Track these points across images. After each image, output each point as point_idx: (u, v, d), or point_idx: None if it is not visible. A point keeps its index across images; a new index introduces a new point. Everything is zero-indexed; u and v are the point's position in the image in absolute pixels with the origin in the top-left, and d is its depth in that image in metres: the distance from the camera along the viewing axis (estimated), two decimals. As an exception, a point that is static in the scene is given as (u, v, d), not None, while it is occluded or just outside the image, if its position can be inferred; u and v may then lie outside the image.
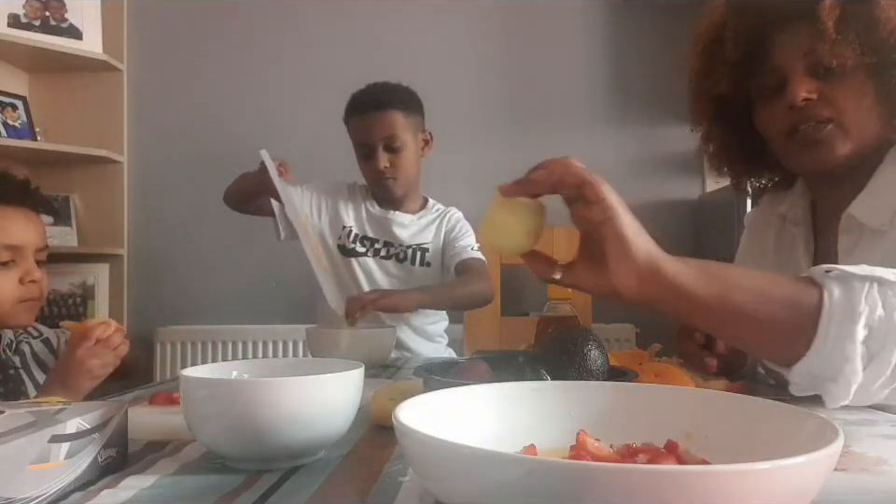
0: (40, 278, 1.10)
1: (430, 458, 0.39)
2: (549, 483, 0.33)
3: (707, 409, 0.52)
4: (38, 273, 1.10)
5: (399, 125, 1.64)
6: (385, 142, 1.63)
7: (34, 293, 1.10)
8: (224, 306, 2.54)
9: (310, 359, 0.73)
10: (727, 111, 1.04)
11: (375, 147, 1.63)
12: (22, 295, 1.08)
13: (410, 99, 1.69)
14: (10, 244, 1.06)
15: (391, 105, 1.64)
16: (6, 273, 1.06)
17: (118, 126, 2.54)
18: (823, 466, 0.37)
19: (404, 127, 1.65)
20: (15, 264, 1.07)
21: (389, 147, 1.64)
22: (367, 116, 1.64)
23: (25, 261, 1.09)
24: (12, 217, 1.08)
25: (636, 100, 2.56)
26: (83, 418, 0.51)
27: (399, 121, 1.64)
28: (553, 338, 0.77)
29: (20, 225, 1.09)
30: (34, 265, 1.10)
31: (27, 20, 2.36)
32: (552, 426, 0.52)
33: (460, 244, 1.72)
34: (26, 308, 1.09)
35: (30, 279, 1.08)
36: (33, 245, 1.10)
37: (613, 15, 2.58)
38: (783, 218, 1.09)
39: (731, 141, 1.07)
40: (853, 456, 0.59)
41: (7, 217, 1.08)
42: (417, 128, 1.70)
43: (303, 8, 2.59)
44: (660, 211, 2.53)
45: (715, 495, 0.32)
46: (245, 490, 0.51)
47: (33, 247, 1.10)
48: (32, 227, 1.11)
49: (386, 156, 1.64)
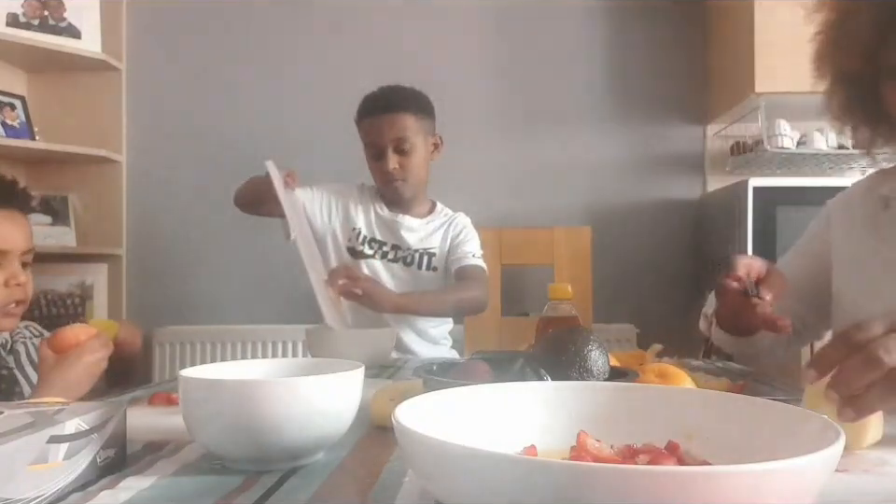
0: (25, 281, 1.09)
1: (430, 458, 0.39)
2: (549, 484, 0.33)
3: (707, 409, 0.51)
4: (24, 277, 1.09)
5: (409, 127, 1.64)
6: (394, 144, 1.63)
7: (18, 296, 1.09)
8: (223, 306, 2.54)
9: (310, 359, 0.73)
10: (854, 81, 1.00)
11: (385, 148, 1.63)
12: (6, 298, 1.07)
13: (421, 102, 1.70)
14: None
15: (402, 108, 1.64)
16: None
17: (116, 126, 2.54)
18: (824, 467, 0.36)
19: (414, 129, 1.65)
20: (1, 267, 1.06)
21: (399, 148, 1.64)
22: (377, 117, 1.64)
23: (10, 264, 1.07)
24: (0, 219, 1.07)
25: (636, 100, 2.56)
26: (82, 419, 0.51)
27: (410, 124, 1.64)
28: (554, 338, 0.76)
29: (5, 228, 1.07)
30: (19, 268, 1.09)
31: (26, 19, 2.35)
32: (552, 426, 0.52)
33: (462, 249, 1.72)
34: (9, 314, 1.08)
35: (15, 282, 1.07)
36: (18, 249, 1.09)
37: (614, 15, 2.58)
38: (886, 199, 1.07)
39: (856, 103, 1.02)
40: (854, 457, 0.59)
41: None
42: (428, 131, 1.70)
43: (304, 9, 2.59)
44: (660, 211, 2.53)
45: (716, 495, 0.32)
46: (245, 491, 0.51)
47: (18, 250, 1.09)
48: (17, 229, 1.09)
49: (396, 158, 1.64)
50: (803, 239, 1.22)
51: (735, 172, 2.43)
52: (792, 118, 2.28)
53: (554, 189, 2.54)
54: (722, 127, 2.47)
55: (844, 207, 1.15)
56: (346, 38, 2.58)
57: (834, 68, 1.01)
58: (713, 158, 2.56)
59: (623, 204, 2.53)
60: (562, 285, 1.02)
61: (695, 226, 2.53)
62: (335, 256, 1.73)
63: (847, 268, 1.09)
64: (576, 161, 2.55)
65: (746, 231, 2.09)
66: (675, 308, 2.51)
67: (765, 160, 2.30)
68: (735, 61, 2.29)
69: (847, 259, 1.10)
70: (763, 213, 2.09)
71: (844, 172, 2.43)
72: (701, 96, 2.55)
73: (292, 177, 1.58)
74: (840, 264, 1.10)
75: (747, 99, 2.22)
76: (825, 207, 1.20)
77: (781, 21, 2.14)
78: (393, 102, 1.65)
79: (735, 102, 2.31)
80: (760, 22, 2.16)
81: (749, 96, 2.20)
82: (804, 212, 2.08)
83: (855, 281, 1.07)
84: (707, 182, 2.56)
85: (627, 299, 2.48)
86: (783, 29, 2.13)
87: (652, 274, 2.53)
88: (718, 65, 2.48)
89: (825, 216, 1.18)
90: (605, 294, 2.30)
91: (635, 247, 2.53)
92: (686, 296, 2.52)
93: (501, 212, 2.48)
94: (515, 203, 2.53)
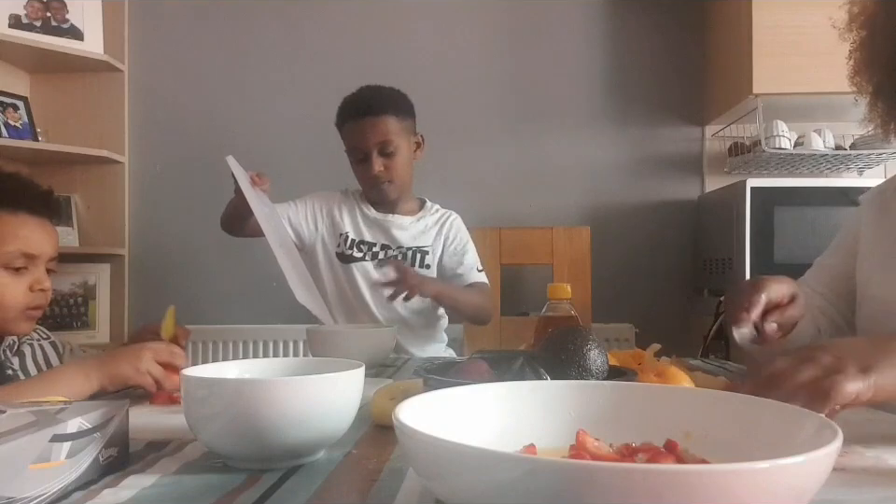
0: (49, 287, 1.12)
1: (430, 458, 0.40)
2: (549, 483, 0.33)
3: (706, 408, 0.52)
4: (48, 283, 1.11)
5: (392, 130, 1.65)
6: (378, 147, 1.64)
7: (40, 301, 1.11)
8: (224, 306, 2.54)
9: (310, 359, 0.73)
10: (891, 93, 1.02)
11: (369, 151, 1.64)
12: (30, 303, 1.09)
13: (402, 103, 1.70)
14: (27, 252, 1.07)
15: (384, 111, 1.64)
16: (18, 279, 1.07)
17: (119, 126, 2.54)
18: (822, 465, 0.37)
19: (397, 131, 1.66)
20: (27, 271, 1.08)
21: (383, 151, 1.65)
22: (361, 121, 1.64)
23: (37, 270, 1.10)
24: (31, 226, 1.09)
25: (636, 100, 2.57)
26: (84, 418, 0.52)
27: (393, 126, 1.65)
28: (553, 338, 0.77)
29: (38, 234, 1.10)
30: (44, 274, 1.11)
31: (28, 20, 2.36)
32: (552, 425, 0.52)
33: (465, 262, 1.73)
34: (29, 317, 1.10)
35: (39, 287, 1.09)
36: (47, 255, 1.11)
37: (613, 16, 2.59)
38: None
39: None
40: (852, 456, 0.59)
41: (25, 224, 1.09)
42: (410, 131, 1.71)
43: (305, 9, 2.59)
44: (659, 211, 2.53)
45: (714, 494, 0.32)
46: (246, 489, 0.51)
47: (47, 257, 1.12)
48: (48, 237, 1.12)
49: (381, 160, 1.65)
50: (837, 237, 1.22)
51: (733, 172, 2.43)
52: (790, 118, 2.29)
53: (554, 189, 2.54)
54: (721, 128, 2.47)
55: (876, 200, 1.15)
56: (349, 38, 2.58)
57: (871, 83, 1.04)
58: (711, 158, 2.56)
59: (621, 205, 2.54)
60: (561, 284, 1.02)
61: (694, 226, 2.53)
62: (325, 263, 1.73)
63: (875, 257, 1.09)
64: (575, 162, 2.55)
65: (744, 231, 2.10)
66: (673, 308, 2.52)
67: (763, 160, 2.31)
68: (734, 62, 2.29)
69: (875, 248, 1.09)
70: (760, 213, 2.09)
71: (841, 172, 2.44)
72: (699, 97, 2.55)
73: (261, 178, 1.51)
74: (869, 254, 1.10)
75: (745, 100, 2.22)
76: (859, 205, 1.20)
77: (779, 23, 2.14)
78: (374, 105, 1.65)
79: (733, 103, 2.31)
80: (758, 24, 2.16)
81: (747, 97, 2.20)
82: (801, 212, 2.09)
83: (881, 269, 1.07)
84: (705, 182, 2.56)
85: (626, 298, 2.49)
86: (781, 30, 2.14)
87: (651, 274, 2.53)
88: (716, 66, 2.48)
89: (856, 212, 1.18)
90: (604, 294, 2.31)
91: (633, 247, 2.53)
92: (684, 296, 2.52)
93: (501, 212, 2.48)
94: (515, 203, 2.54)
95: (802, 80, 2.13)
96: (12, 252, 1.05)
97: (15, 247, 1.05)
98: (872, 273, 1.08)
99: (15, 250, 1.05)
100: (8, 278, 1.06)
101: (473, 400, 0.54)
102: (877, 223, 1.11)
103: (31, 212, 1.10)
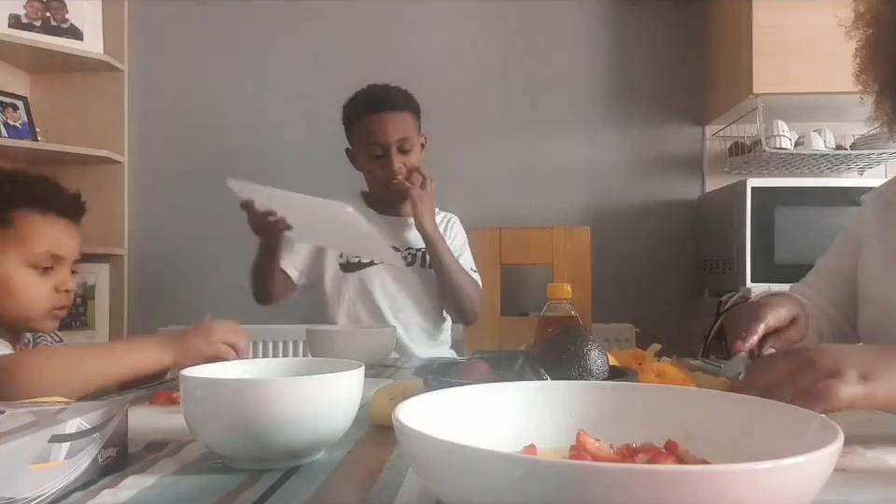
0: (73, 288, 1.14)
1: (430, 458, 0.40)
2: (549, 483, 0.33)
3: (706, 409, 0.52)
4: (72, 284, 1.14)
5: (410, 127, 1.64)
6: (398, 143, 1.61)
7: (64, 301, 1.13)
8: (224, 306, 2.53)
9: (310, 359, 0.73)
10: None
11: (389, 147, 1.61)
12: (56, 303, 1.11)
13: (414, 101, 1.69)
14: (55, 253, 1.09)
15: (404, 106, 1.63)
16: (44, 279, 1.09)
17: (118, 126, 2.54)
18: (823, 466, 0.37)
19: (413, 129, 1.65)
20: (54, 272, 1.10)
21: (402, 148, 1.62)
22: (382, 115, 1.60)
23: (63, 271, 1.12)
24: (60, 228, 1.12)
25: (636, 100, 2.57)
26: (83, 418, 0.52)
27: (410, 123, 1.64)
28: (553, 338, 0.76)
29: (66, 236, 1.12)
30: (69, 275, 1.14)
31: (28, 20, 2.36)
32: (552, 426, 0.52)
33: (462, 261, 1.71)
34: (54, 317, 1.12)
35: (64, 288, 1.11)
36: (73, 257, 1.14)
37: (614, 15, 2.59)
38: None
39: None
40: (853, 457, 0.59)
41: (55, 226, 1.11)
42: (419, 131, 1.70)
43: (305, 10, 2.59)
44: (659, 211, 2.53)
45: (715, 495, 0.32)
46: (246, 490, 0.51)
47: (72, 258, 1.14)
48: (74, 239, 1.14)
49: (400, 157, 1.62)
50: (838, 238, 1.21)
51: (733, 172, 2.43)
52: (790, 118, 2.29)
53: (554, 189, 2.54)
54: (721, 128, 2.47)
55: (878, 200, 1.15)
56: (350, 39, 2.58)
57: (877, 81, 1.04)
58: (712, 158, 2.56)
59: (622, 204, 2.54)
60: (561, 284, 1.02)
61: (694, 226, 2.53)
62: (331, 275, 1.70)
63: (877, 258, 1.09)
64: (575, 162, 2.55)
65: (744, 231, 2.10)
66: (674, 308, 2.52)
67: (763, 160, 2.31)
68: (734, 62, 2.29)
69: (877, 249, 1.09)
70: (761, 213, 2.09)
71: (841, 172, 2.44)
72: (700, 97, 2.56)
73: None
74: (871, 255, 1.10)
75: (745, 100, 2.23)
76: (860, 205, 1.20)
77: (780, 23, 2.14)
78: (396, 100, 1.63)
79: (733, 103, 2.31)
80: (758, 24, 2.16)
81: (747, 97, 2.20)
82: (802, 212, 2.09)
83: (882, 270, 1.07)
84: (705, 182, 2.56)
85: (626, 298, 2.49)
86: (781, 30, 2.14)
87: (651, 274, 2.53)
88: (716, 66, 2.48)
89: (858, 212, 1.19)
90: (604, 294, 2.31)
91: (634, 247, 2.53)
92: (685, 296, 2.52)
93: (501, 212, 2.48)
94: (515, 203, 2.54)
95: (802, 80, 2.13)
96: (42, 253, 1.08)
97: (44, 249, 1.08)
98: (874, 273, 1.08)
99: (44, 251, 1.08)
100: (37, 278, 1.08)
101: (473, 401, 0.53)
102: (880, 223, 1.11)
103: (59, 214, 1.12)
